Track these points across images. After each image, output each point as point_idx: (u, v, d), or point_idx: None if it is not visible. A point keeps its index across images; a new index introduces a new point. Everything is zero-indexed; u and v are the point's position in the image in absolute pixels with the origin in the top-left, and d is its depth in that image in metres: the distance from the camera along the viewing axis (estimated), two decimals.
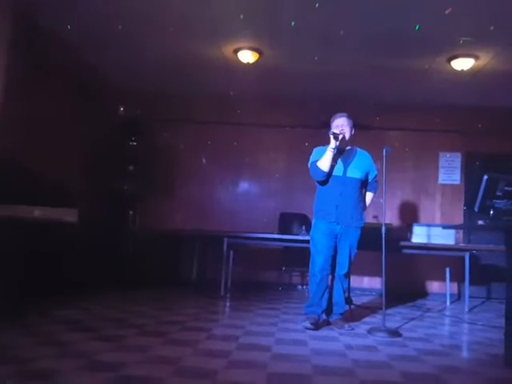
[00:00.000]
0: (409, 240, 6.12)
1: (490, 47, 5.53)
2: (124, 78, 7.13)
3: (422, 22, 4.96)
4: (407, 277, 7.10)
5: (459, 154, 7.63)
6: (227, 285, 6.30)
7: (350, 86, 6.93)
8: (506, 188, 3.38)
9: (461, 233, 7.17)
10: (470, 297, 6.02)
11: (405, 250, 6.03)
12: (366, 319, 4.89)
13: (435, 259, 6.78)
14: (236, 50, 5.96)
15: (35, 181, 4.99)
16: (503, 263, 3.40)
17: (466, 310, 5.83)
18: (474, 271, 6.23)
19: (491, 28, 4.91)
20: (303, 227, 6.19)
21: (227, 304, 5.80)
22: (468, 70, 5.98)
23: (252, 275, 7.34)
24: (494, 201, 3.39)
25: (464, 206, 5.57)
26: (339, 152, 4.33)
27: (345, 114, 4.39)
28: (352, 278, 6.05)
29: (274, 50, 5.96)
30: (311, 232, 4.48)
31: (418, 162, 7.68)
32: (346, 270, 4.41)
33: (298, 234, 6.18)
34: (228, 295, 6.17)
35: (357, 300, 6.13)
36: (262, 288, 7.02)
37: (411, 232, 6.19)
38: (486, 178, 3.39)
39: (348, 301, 5.09)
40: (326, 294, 4.39)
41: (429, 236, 6.08)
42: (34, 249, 4.76)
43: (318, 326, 4.21)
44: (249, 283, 7.11)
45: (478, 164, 6.68)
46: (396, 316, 5.13)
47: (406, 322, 4.80)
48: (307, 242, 4.60)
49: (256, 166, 7.84)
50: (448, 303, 6.44)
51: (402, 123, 7.63)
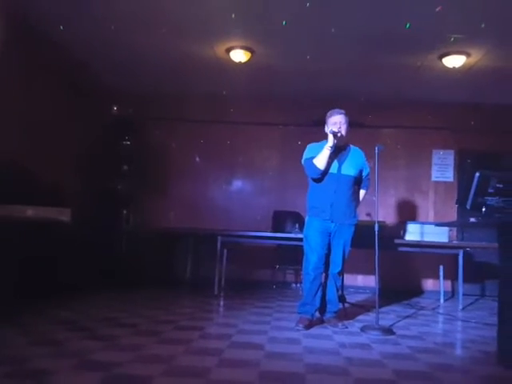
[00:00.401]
0: (402, 238, 6.13)
1: (482, 44, 5.54)
2: (117, 77, 7.12)
3: (413, 19, 4.96)
4: (401, 275, 7.12)
5: (452, 152, 7.64)
6: (221, 283, 6.28)
7: (342, 83, 6.94)
8: (497, 185, 3.38)
9: (454, 230, 7.19)
10: (464, 294, 6.02)
11: (399, 248, 6.03)
12: (360, 317, 4.89)
13: (429, 257, 6.80)
14: (228, 50, 5.96)
15: (29, 180, 4.97)
16: (497, 260, 3.40)
17: (460, 307, 5.83)
18: (468, 269, 6.24)
19: (482, 25, 4.92)
20: (296, 225, 6.19)
21: (221, 303, 5.79)
22: (460, 67, 5.99)
23: (246, 273, 7.33)
24: (486, 198, 3.39)
25: (456, 204, 5.58)
26: (334, 149, 4.32)
27: (343, 111, 4.35)
28: (346, 276, 6.08)
29: (266, 48, 5.95)
30: (304, 230, 4.46)
31: (411, 160, 7.69)
32: (339, 268, 4.41)
33: (291, 232, 6.18)
34: (222, 294, 6.16)
35: (351, 298, 6.14)
36: (256, 286, 7.02)
37: (404, 230, 6.20)
38: (477, 175, 3.38)
39: (341, 299, 5.09)
40: (320, 293, 4.38)
41: (422, 234, 6.09)
42: (28, 248, 4.74)
43: (311, 326, 4.19)
44: (243, 281, 7.09)
45: (469, 161, 6.69)
46: (390, 314, 5.14)
47: (400, 320, 4.80)
48: (301, 239, 4.58)
49: (249, 164, 7.84)
50: (442, 301, 6.44)
51: (395, 121, 7.64)
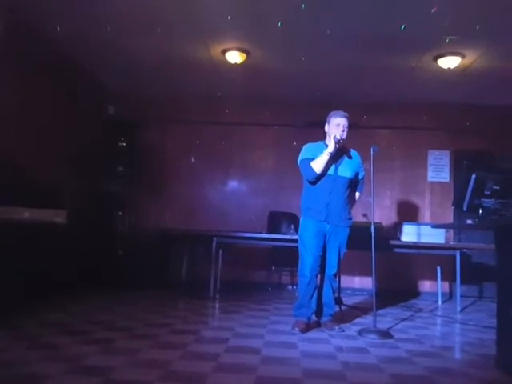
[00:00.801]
0: (399, 239, 6.11)
1: (476, 45, 5.55)
2: (113, 78, 7.11)
3: (408, 21, 4.96)
4: (398, 276, 7.11)
5: (447, 152, 7.64)
6: (216, 285, 6.25)
7: (337, 84, 6.94)
8: (494, 187, 3.38)
9: (451, 231, 7.18)
10: (462, 296, 6.01)
11: (395, 249, 6.02)
12: (357, 320, 4.86)
13: (426, 258, 6.79)
14: (224, 51, 5.96)
15: (25, 182, 4.94)
16: (494, 262, 3.39)
17: (458, 309, 5.80)
18: (466, 270, 6.21)
19: (477, 27, 4.92)
20: (292, 226, 6.18)
21: (216, 305, 5.76)
22: (454, 68, 5.99)
23: (241, 275, 7.31)
24: (483, 200, 3.39)
25: (452, 205, 5.56)
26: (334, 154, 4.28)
27: (346, 114, 4.29)
28: (343, 277, 6.07)
29: (261, 50, 5.95)
30: (300, 231, 4.42)
31: (407, 160, 7.68)
32: (335, 270, 4.38)
33: (286, 233, 6.16)
34: (217, 296, 6.14)
35: (348, 300, 6.11)
36: (252, 288, 6.99)
37: (401, 231, 6.18)
38: (474, 176, 3.38)
39: (338, 301, 5.08)
40: (316, 295, 4.34)
41: (419, 235, 6.07)
42: (24, 250, 4.71)
43: (307, 329, 4.16)
44: (238, 283, 7.07)
45: (465, 163, 6.69)
46: (387, 316, 5.12)
47: (397, 323, 4.78)
48: (296, 241, 4.54)
49: (244, 165, 7.82)
50: (440, 303, 6.44)
51: (390, 121, 7.64)
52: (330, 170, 4.29)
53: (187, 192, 7.67)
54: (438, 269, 6.55)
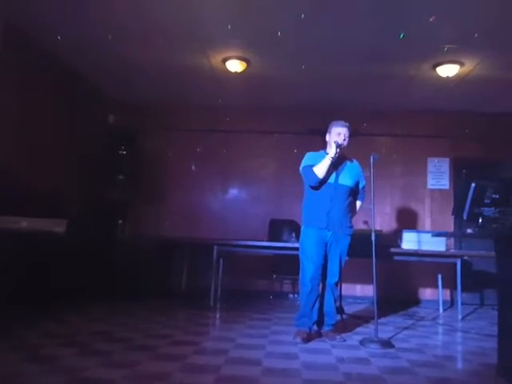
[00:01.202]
0: (399, 246, 6.09)
1: (475, 54, 5.55)
2: (114, 87, 7.13)
3: (407, 29, 4.97)
4: (399, 284, 7.09)
5: (447, 159, 7.64)
6: (217, 294, 6.21)
7: (337, 92, 6.95)
8: (493, 195, 3.36)
9: (452, 239, 7.16)
10: (463, 303, 5.99)
11: (396, 257, 5.99)
12: (358, 329, 4.84)
13: (427, 266, 6.76)
14: (224, 60, 5.97)
15: (24, 191, 4.94)
16: (495, 269, 3.38)
17: (459, 317, 5.77)
18: (467, 278, 6.20)
19: (475, 35, 4.93)
20: (293, 234, 6.17)
21: (217, 315, 5.73)
22: (453, 77, 6.00)
23: (242, 283, 7.28)
24: (483, 208, 3.37)
25: (452, 214, 5.53)
26: (334, 160, 4.29)
27: (347, 124, 4.34)
28: (344, 285, 6.06)
29: (261, 59, 5.95)
30: (301, 240, 4.41)
31: (407, 168, 7.68)
32: (336, 279, 4.36)
33: (288, 241, 6.14)
34: (218, 305, 6.10)
35: (349, 308, 6.10)
36: (253, 297, 6.96)
37: (401, 238, 6.17)
38: (473, 185, 3.36)
39: (339, 310, 5.05)
40: (317, 304, 4.32)
41: (419, 242, 6.05)
42: (23, 260, 4.70)
43: (309, 339, 4.15)
44: (239, 292, 7.04)
45: (464, 172, 6.67)
46: (388, 325, 5.09)
47: (399, 332, 4.76)
48: (297, 249, 4.53)
49: (245, 172, 7.81)
50: (441, 311, 6.41)
51: (390, 129, 7.64)
52: (331, 179, 4.30)
53: (188, 200, 7.66)
54: (439, 276, 6.53)
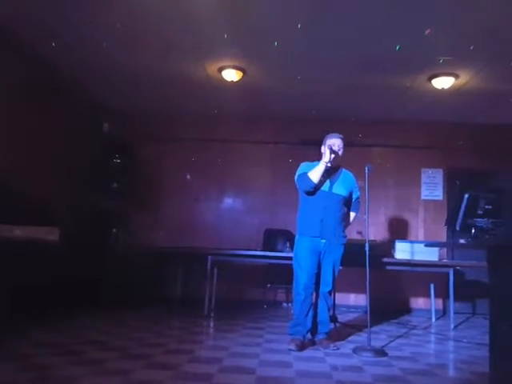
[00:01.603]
0: (392, 256, 6.13)
1: (470, 66, 5.62)
2: (109, 95, 7.14)
3: (402, 41, 5.04)
4: (392, 293, 7.12)
5: (441, 170, 7.70)
6: (211, 303, 6.20)
7: (332, 103, 7.01)
8: (486, 206, 3.40)
9: (444, 249, 7.20)
10: (455, 313, 6.02)
11: (389, 267, 6.03)
12: (352, 338, 4.86)
13: (419, 275, 6.79)
14: (220, 69, 6.01)
15: (17, 199, 4.92)
16: (487, 279, 3.41)
17: (452, 326, 5.81)
18: (459, 287, 6.23)
19: (471, 48, 5.00)
20: (287, 243, 6.18)
21: (211, 324, 5.72)
22: (448, 89, 6.07)
23: (237, 293, 7.30)
24: (475, 219, 3.41)
25: (445, 225, 5.54)
26: (328, 168, 4.34)
27: (341, 136, 4.42)
28: (338, 295, 6.08)
29: (257, 68, 6.00)
30: (295, 249, 4.44)
31: (401, 178, 7.73)
32: (330, 287, 4.39)
33: (282, 251, 6.16)
34: (212, 314, 6.09)
35: (342, 317, 6.11)
36: (247, 306, 6.96)
37: (394, 248, 6.20)
38: (466, 196, 3.40)
39: (333, 319, 5.07)
40: (311, 313, 4.35)
41: (412, 252, 6.10)
42: (15, 269, 4.68)
43: (303, 347, 4.17)
44: (233, 301, 7.05)
45: (458, 183, 6.73)
46: (381, 334, 5.12)
47: (392, 341, 4.78)
48: (291, 258, 4.54)
49: (240, 182, 7.84)
50: (433, 320, 6.43)
51: (384, 140, 7.70)
52: (325, 187, 4.34)
53: (182, 209, 7.67)
54: (432, 286, 6.56)
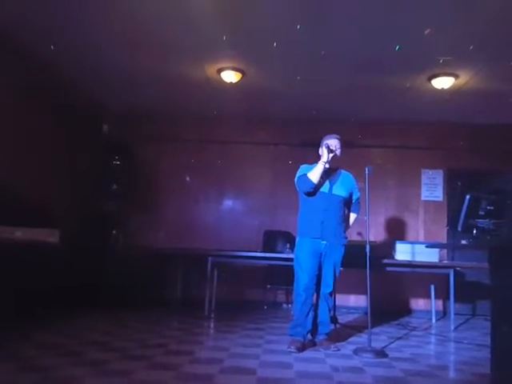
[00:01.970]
0: (393, 257, 6.12)
1: (470, 66, 5.61)
2: (108, 97, 7.14)
3: (402, 42, 5.03)
4: (393, 294, 7.11)
5: (441, 171, 7.69)
6: (211, 304, 6.20)
7: (332, 104, 7.00)
8: (488, 207, 3.39)
9: (445, 250, 7.19)
10: (456, 314, 6.01)
11: (389, 268, 6.02)
12: (352, 339, 4.86)
13: (420, 276, 6.78)
14: (219, 70, 6.00)
15: (17, 201, 4.92)
16: (488, 280, 3.40)
17: (452, 327, 5.80)
18: (459, 288, 6.22)
19: (471, 48, 4.99)
20: (288, 245, 6.18)
21: (211, 325, 5.72)
22: (448, 89, 6.06)
23: (237, 294, 7.29)
24: (477, 220, 3.40)
25: (447, 226, 5.57)
26: (325, 170, 4.34)
27: (338, 136, 4.42)
28: (338, 296, 6.06)
29: (256, 70, 6.00)
30: (295, 250, 4.44)
31: (401, 179, 7.72)
32: (330, 289, 4.39)
33: (282, 252, 6.16)
34: (212, 315, 6.08)
35: (343, 319, 6.10)
36: (247, 307, 6.96)
37: (395, 249, 6.19)
38: (468, 197, 3.39)
39: (333, 320, 5.06)
40: (311, 314, 4.34)
41: (413, 253, 6.08)
42: (15, 270, 4.68)
43: (303, 348, 4.16)
44: (234, 302, 7.04)
45: (459, 184, 6.73)
46: (382, 335, 5.11)
47: (392, 342, 4.77)
48: (292, 259, 4.55)
49: (240, 183, 7.83)
50: (434, 321, 6.43)
51: (384, 140, 7.70)
52: (325, 188, 4.34)
53: (182, 211, 7.66)
54: (432, 287, 6.55)
